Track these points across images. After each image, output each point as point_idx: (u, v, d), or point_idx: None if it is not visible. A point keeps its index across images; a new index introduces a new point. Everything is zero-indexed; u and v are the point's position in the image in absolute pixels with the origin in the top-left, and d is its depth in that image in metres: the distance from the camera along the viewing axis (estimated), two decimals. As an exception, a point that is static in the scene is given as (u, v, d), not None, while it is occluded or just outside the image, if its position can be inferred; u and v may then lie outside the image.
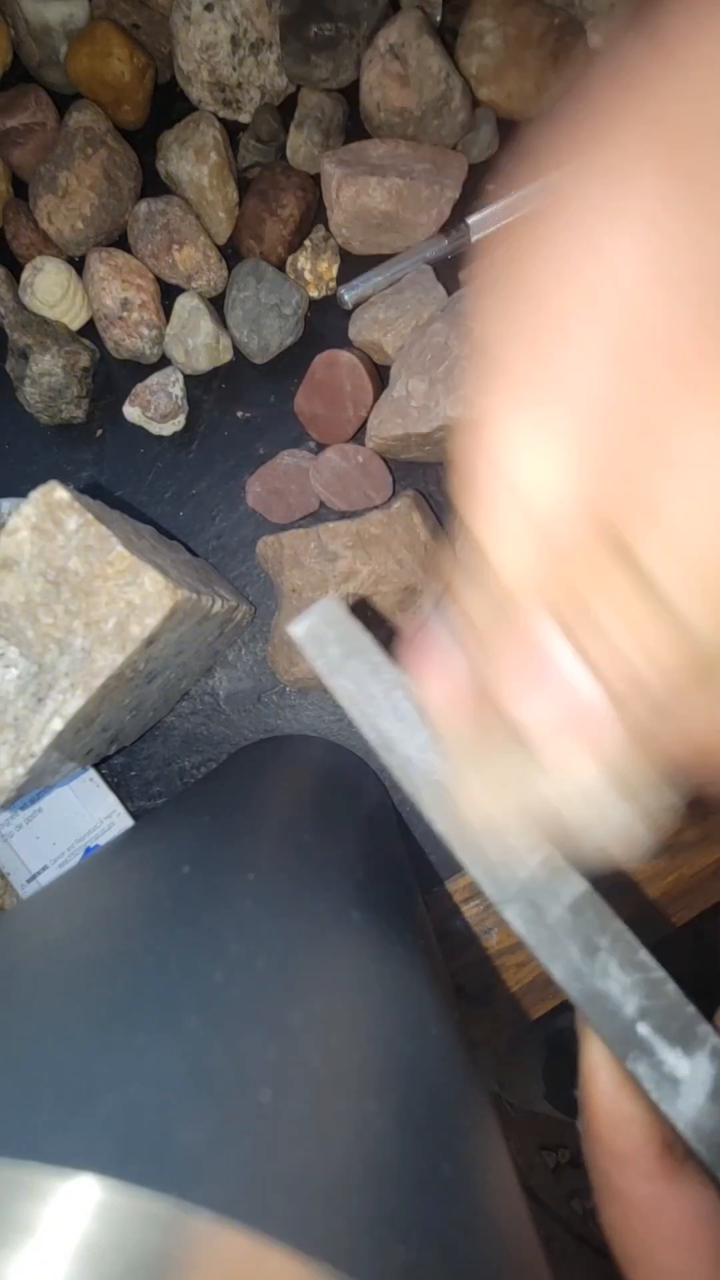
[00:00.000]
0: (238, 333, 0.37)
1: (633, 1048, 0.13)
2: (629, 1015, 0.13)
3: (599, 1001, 0.13)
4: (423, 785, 0.15)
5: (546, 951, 0.14)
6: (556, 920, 0.14)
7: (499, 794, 0.13)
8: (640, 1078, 0.13)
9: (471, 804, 0.14)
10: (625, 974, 0.13)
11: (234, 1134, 0.10)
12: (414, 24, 0.35)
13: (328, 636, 0.16)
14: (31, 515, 0.25)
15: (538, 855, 0.14)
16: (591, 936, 0.14)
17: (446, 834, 0.15)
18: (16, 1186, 0.09)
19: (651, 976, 0.13)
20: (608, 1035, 0.13)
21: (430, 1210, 0.11)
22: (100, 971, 0.13)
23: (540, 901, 0.14)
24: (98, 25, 0.36)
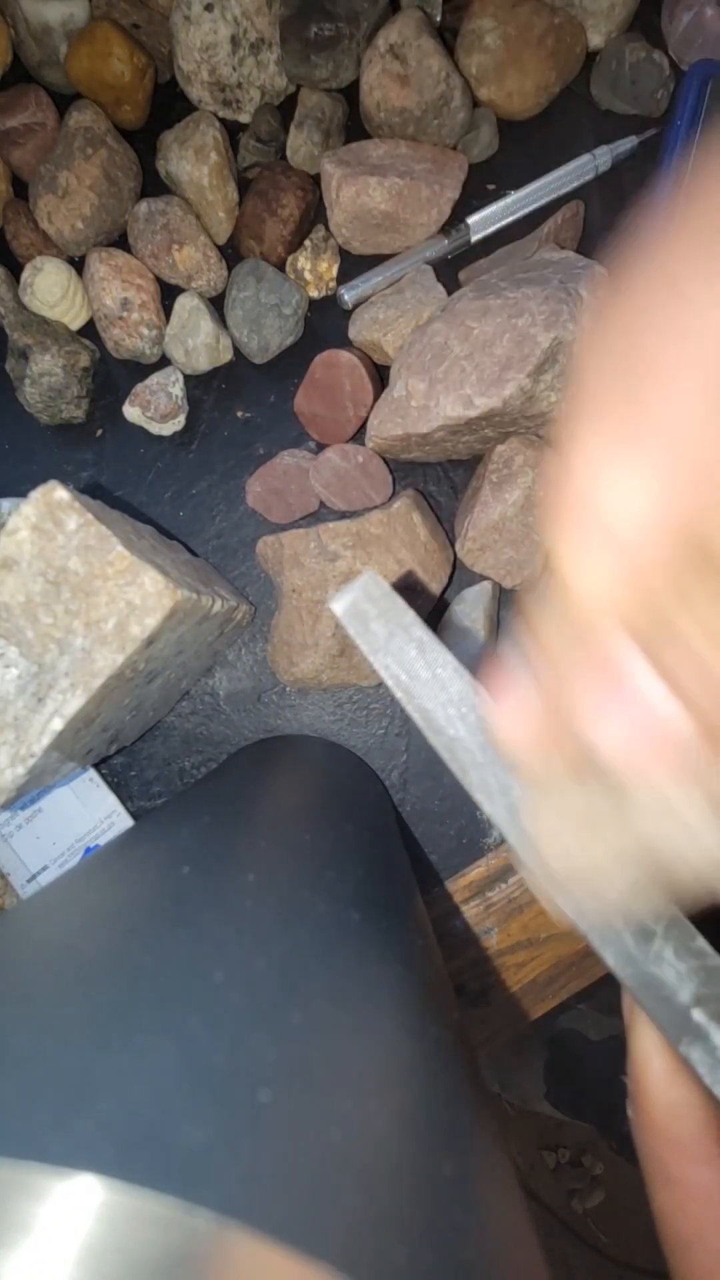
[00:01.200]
0: (238, 333, 0.37)
1: (687, 1033, 0.13)
2: (684, 1001, 0.13)
3: (653, 987, 0.13)
4: (470, 767, 0.15)
5: (599, 938, 0.14)
6: (610, 906, 0.13)
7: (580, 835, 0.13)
8: (695, 1063, 0.13)
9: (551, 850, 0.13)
10: (680, 960, 0.13)
11: (234, 1134, 0.10)
12: (414, 24, 0.35)
13: (369, 613, 0.16)
14: (31, 515, 0.25)
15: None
16: (646, 923, 0.14)
17: (494, 817, 0.15)
18: (16, 1186, 0.09)
19: (709, 964, 0.13)
20: (662, 1020, 0.13)
21: (430, 1210, 0.11)
22: (100, 972, 0.13)
23: (594, 888, 0.14)
24: (98, 25, 0.36)
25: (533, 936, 0.38)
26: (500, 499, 0.34)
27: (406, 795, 0.38)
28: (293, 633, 0.35)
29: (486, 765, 0.15)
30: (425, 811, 0.38)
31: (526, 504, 0.34)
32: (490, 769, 0.15)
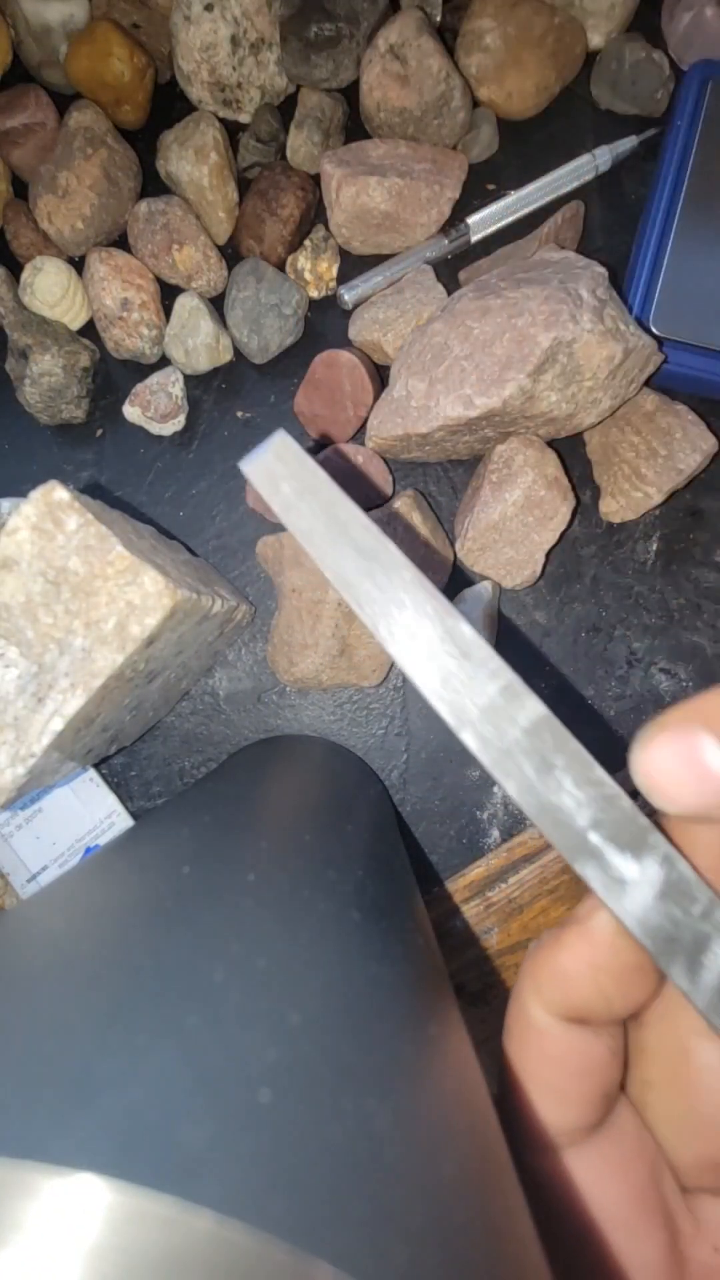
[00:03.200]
0: (238, 333, 0.37)
1: (583, 853, 0.14)
2: (580, 825, 0.14)
3: (551, 813, 0.14)
4: (378, 617, 0.15)
5: (501, 769, 0.14)
6: (512, 742, 0.14)
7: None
8: (589, 879, 0.14)
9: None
10: (579, 790, 0.14)
11: (234, 1134, 0.10)
12: (414, 24, 0.35)
13: (280, 473, 0.16)
14: (31, 515, 0.25)
15: (498, 682, 0.14)
16: (547, 756, 0.14)
17: (403, 663, 0.15)
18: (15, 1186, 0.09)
19: (606, 792, 0.14)
20: (559, 842, 0.14)
21: (430, 1210, 0.11)
22: (100, 971, 0.13)
23: (498, 725, 0.14)
24: (98, 25, 0.36)
25: (533, 936, 0.38)
26: (500, 499, 0.34)
27: (406, 795, 0.38)
28: (293, 633, 0.35)
29: (396, 614, 0.15)
30: (425, 811, 0.38)
31: (526, 504, 0.34)
32: (399, 617, 0.15)
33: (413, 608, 0.15)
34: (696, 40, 0.38)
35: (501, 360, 0.31)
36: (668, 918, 0.14)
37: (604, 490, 0.37)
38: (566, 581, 0.37)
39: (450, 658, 0.15)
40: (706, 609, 0.37)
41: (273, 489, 0.16)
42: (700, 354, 0.35)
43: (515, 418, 0.32)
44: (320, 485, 0.16)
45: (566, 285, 0.31)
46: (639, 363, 0.32)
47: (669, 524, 0.37)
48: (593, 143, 0.38)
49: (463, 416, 0.31)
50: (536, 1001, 0.16)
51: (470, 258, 0.38)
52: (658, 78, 0.37)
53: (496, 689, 0.14)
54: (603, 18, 0.38)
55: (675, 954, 0.14)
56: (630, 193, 0.39)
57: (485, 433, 0.33)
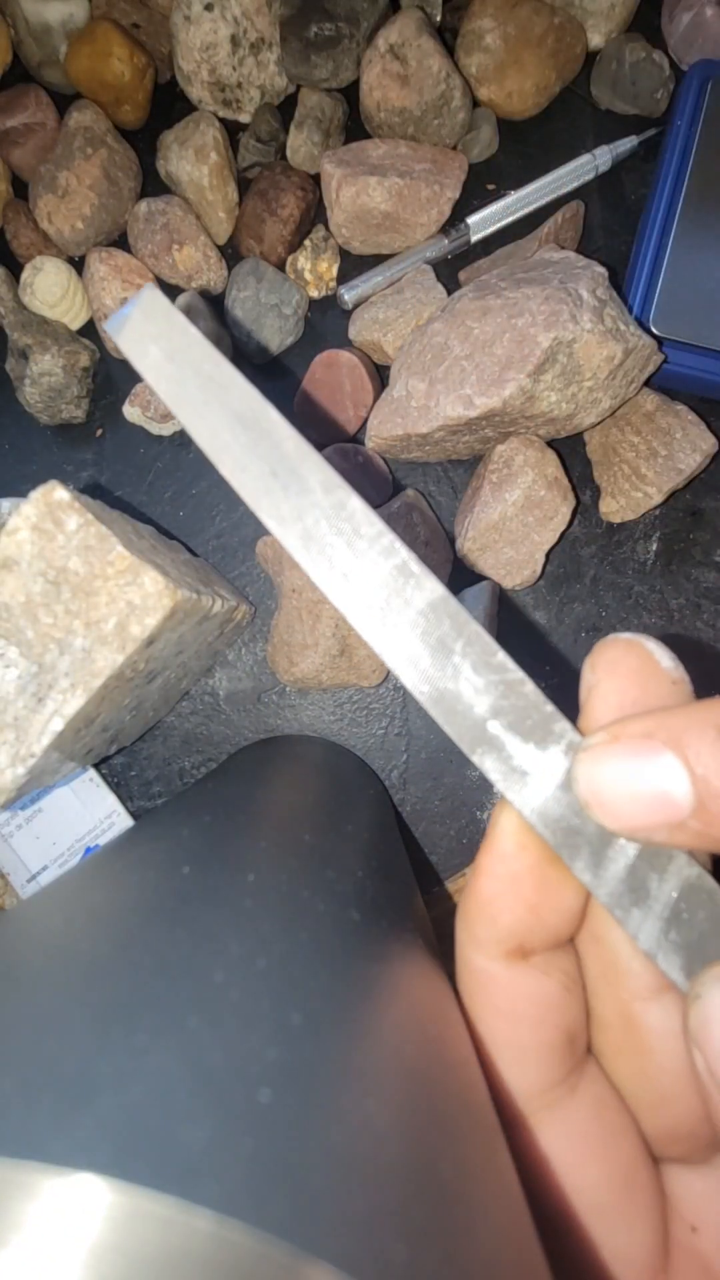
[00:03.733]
0: (238, 333, 0.37)
1: (481, 744, 0.13)
2: (479, 714, 0.13)
3: (447, 701, 0.13)
4: (259, 494, 0.14)
5: (393, 657, 0.13)
6: (408, 625, 0.13)
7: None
8: (488, 770, 0.13)
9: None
10: (479, 675, 0.13)
11: (234, 1134, 0.10)
12: (414, 24, 0.35)
13: (148, 333, 0.14)
14: (31, 515, 0.25)
15: (391, 561, 0.13)
16: (445, 640, 0.13)
17: (288, 545, 0.14)
18: (15, 1186, 0.09)
19: (508, 678, 0.13)
20: (456, 733, 0.13)
21: (430, 1210, 0.11)
22: (100, 971, 0.13)
23: (391, 607, 0.13)
24: (98, 25, 0.36)
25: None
26: (500, 499, 0.34)
27: (406, 795, 0.38)
28: (293, 633, 0.35)
29: (277, 490, 0.13)
30: (425, 811, 0.38)
31: (526, 504, 0.34)
32: (281, 494, 0.13)
33: (296, 482, 0.13)
34: (696, 40, 0.38)
35: (501, 360, 0.31)
36: (570, 809, 0.13)
37: (604, 490, 0.37)
38: (566, 581, 0.37)
39: (339, 536, 0.13)
40: (706, 609, 0.37)
41: (140, 351, 0.14)
42: (700, 354, 0.35)
43: (515, 418, 0.32)
44: (193, 344, 0.14)
45: (566, 285, 0.31)
46: (639, 363, 0.32)
47: (669, 524, 0.37)
48: (593, 143, 0.38)
49: (463, 416, 0.31)
50: (472, 947, 0.15)
51: (470, 258, 0.38)
52: (658, 78, 0.37)
53: (390, 569, 0.13)
54: (603, 18, 0.38)
55: (579, 847, 0.13)
56: (630, 193, 0.39)
57: (485, 433, 0.33)
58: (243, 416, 0.14)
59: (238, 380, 0.14)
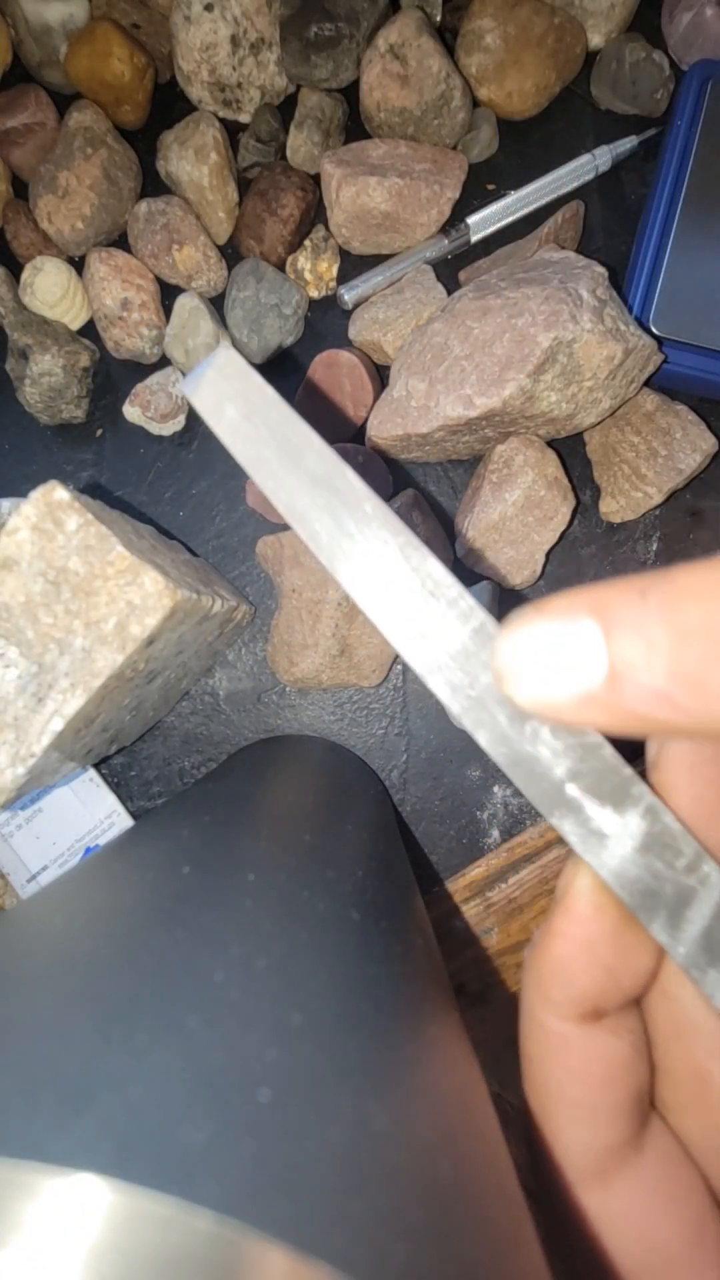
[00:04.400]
0: (238, 333, 0.37)
1: (559, 807, 0.13)
2: (558, 777, 0.13)
3: (526, 764, 0.13)
4: (336, 555, 0.13)
5: (472, 718, 0.13)
6: (485, 688, 0.13)
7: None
8: (566, 833, 0.13)
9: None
10: (557, 739, 0.13)
11: (234, 1134, 0.10)
12: (414, 24, 0.35)
13: (225, 393, 0.14)
14: (31, 515, 0.25)
15: (470, 624, 0.13)
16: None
17: (366, 606, 0.13)
18: (15, 1186, 0.09)
19: (586, 741, 0.13)
20: (534, 796, 0.13)
21: (430, 1210, 0.11)
22: (100, 971, 0.13)
23: (469, 671, 0.13)
24: (98, 25, 0.36)
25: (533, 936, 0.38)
26: (500, 499, 0.34)
27: (406, 795, 0.38)
28: (293, 633, 0.35)
29: (354, 551, 0.13)
30: (425, 811, 0.38)
31: (526, 504, 0.34)
32: (358, 555, 0.13)
33: (375, 543, 0.13)
34: (696, 40, 0.38)
35: (501, 360, 0.31)
36: (649, 871, 0.13)
37: (604, 490, 0.37)
38: (566, 581, 0.37)
39: (417, 598, 0.13)
40: (706, 609, 0.37)
41: (216, 412, 0.14)
42: (700, 354, 0.35)
43: (515, 418, 0.32)
44: (270, 405, 0.14)
45: (566, 285, 0.31)
46: (639, 363, 0.32)
47: (669, 524, 0.37)
48: (593, 143, 0.38)
49: (463, 416, 0.31)
50: (545, 1008, 0.15)
51: (470, 258, 0.38)
52: (658, 78, 0.37)
53: (468, 632, 0.13)
54: (603, 18, 0.38)
55: (657, 909, 0.13)
56: (630, 193, 0.39)
57: (485, 433, 0.33)
58: (320, 478, 0.14)
59: (314, 441, 0.14)
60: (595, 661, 0.11)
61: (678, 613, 0.10)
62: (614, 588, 0.11)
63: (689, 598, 0.10)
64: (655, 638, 0.11)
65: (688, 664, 0.10)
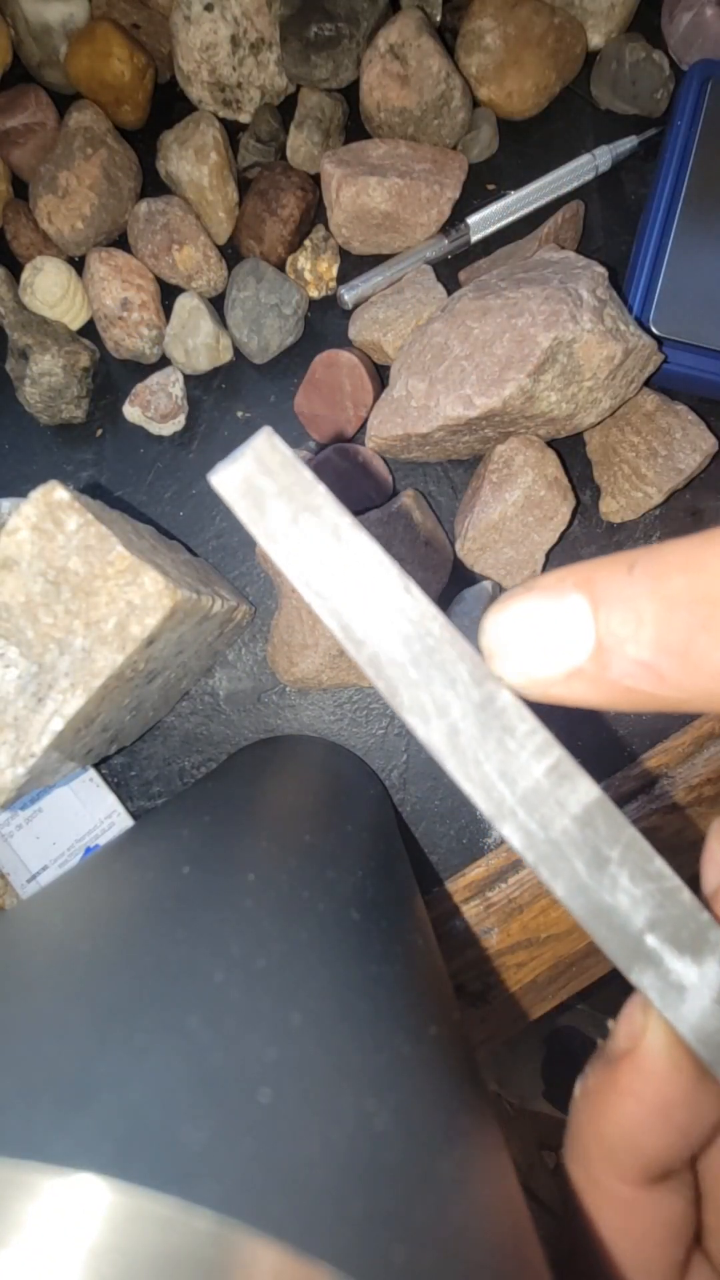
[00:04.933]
0: (238, 333, 0.37)
1: (639, 960, 0.12)
2: (637, 927, 0.12)
3: (605, 916, 0.12)
4: (400, 684, 0.12)
5: (549, 869, 0.12)
6: (561, 833, 0.12)
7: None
8: (645, 988, 0.12)
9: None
10: (636, 885, 0.12)
11: (234, 1134, 0.10)
12: (414, 24, 0.35)
13: (266, 489, 0.12)
14: (31, 515, 0.25)
15: (545, 761, 0.12)
16: (601, 848, 0.12)
17: (429, 740, 0.12)
18: (15, 1186, 0.09)
19: (665, 886, 0.12)
20: (613, 951, 0.12)
21: (430, 1210, 0.11)
22: (100, 971, 0.13)
23: (544, 814, 0.12)
24: (98, 25, 0.36)
25: (533, 936, 0.38)
26: (500, 499, 0.34)
27: (406, 795, 0.38)
28: (293, 633, 0.35)
29: (421, 681, 0.12)
30: (425, 811, 0.38)
31: (526, 504, 0.34)
32: (425, 686, 0.12)
33: (441, 671, 0.12)
34: (696, 40, 0.38)
35: (501, 360, 0.31)
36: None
37: (604, 490, 0.37)
38: (566, 581, 0.37)
39: (489, 733, 0.12)
40: (706, 609, 0.37)
41: (255, 510, 0.12)
42: (700, 354, 0.35)
43: (515, 418, 0.32)
44: (322, 506, 0.12)
45: (566, 285, 0.31)
46: (639, 363, 0.32)
47: (669, 524, 0.37)
48: (593, 143, 0.38)
49: (463, 416, 0.31)
50: (609, 1171, 0.14)
51: (470, 258, 0.38)
52: (658, 78, 0.37)
53: (543, 769, 0.12)
54: (603, 18, 0.38)
55: None
56: (630, 193, 0.39)
57: (485, 433, 0.33)
58: (380, 593, 0.12)
59: (373, 549, 0.12)
60: (582, 636, 0.11)
61: (664, 584, 0.10)
62: (602, 563, 0.11)
63: (676, 569, 0.10)
64: (642, 610, 0.11)
65: (674, 635, 0.10)
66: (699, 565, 0.10)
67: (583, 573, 0.11)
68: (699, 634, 0.10)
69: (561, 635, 0.11)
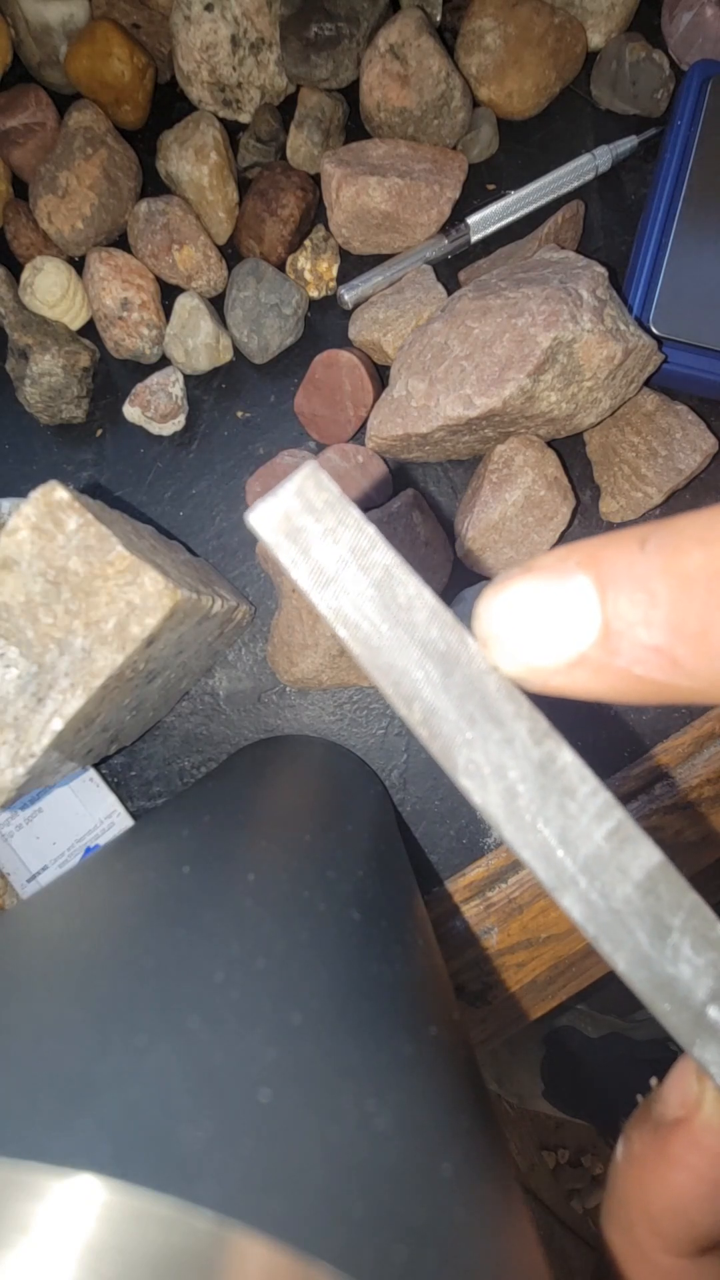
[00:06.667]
0: (238, 333, 0.37)
1: (701, 1033, 0.12)
2: (700, 999, 0.11)
3: (667, 988, 0.12)
4: (456, 744, 0.12)
5: (610, 941, 0.12)
6: (624, 902, 0.12)
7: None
8: (708, 1064, 0.12)
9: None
10: (699, 955, 0.11)
11: (234, 1134, 0.10)
12: (414, 24, 0.35)
13: (310, 530, 0.11)
14: (31, 515, 0.25)
15: (606, 824, 0.12)
16: (663, 916, 0.11)
17: (485, 805, 0.12)
18: (16, 1186, 0.09)
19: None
20: (674, 1025, 0.12)
21: (430, 1210, 0.11)
22: (100, 971, 0.13)
23: (606, 881, 0.12)
24: (98, 25, 0.36)
25: (532, 937, 0.38)
26: (500, 499, 0.34)
27: (406, 795, 0.38)
28: (293, 633, 0.35)
29: (476, 741, 0.11)
30: (425, 811, 0.38)
31: (526, 504, 0.34)
32: (481, 745, 0.11)
33: (498, 729, 0.11)
34: (696, 40, 0.38)
35: (501, 360, 0.31)
36: None
37: (604, 490, 0.37)
38: (566, 581, 0.37)
39: (548, 796, 0.11)
40: (706, 609, 0.37)
41: (296, 555, 0.11)
42: (700, 354, 0.35)
43: (515, 418, 0.32)
44: (372, 548, 0.11)
45: (566, 285, 0.31)
46: (639, 363, 0.32)
47: (669, 524, 0.37)
48: (593, 143, 0.38)
49: (463, 416, 0.31)
50: (656, 1243, 0.13)
51: (470, 258, 0.38)
52: (658, 78, 0.37)
53: (603, 833, 0.11)
54: (603, 18, 0.38)
55: None
56: (630, 193, 0.39)
57: (485, 433, 0.33)
58: (434, 647, 0.11)
59: (426, 596, 0.11)
60: (588, 620, 0.10)
61: (681, 559, 0.09)
62: (609, 539, 0.10)
63: (694, 543, 0.09)
64: (655, 589, 0.10)
65: (692, 615, 0.09)
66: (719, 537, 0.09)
67: (587, 550, 0.10)
68: (719, 614, 0.09)
69: (564, 620, 0.10)
